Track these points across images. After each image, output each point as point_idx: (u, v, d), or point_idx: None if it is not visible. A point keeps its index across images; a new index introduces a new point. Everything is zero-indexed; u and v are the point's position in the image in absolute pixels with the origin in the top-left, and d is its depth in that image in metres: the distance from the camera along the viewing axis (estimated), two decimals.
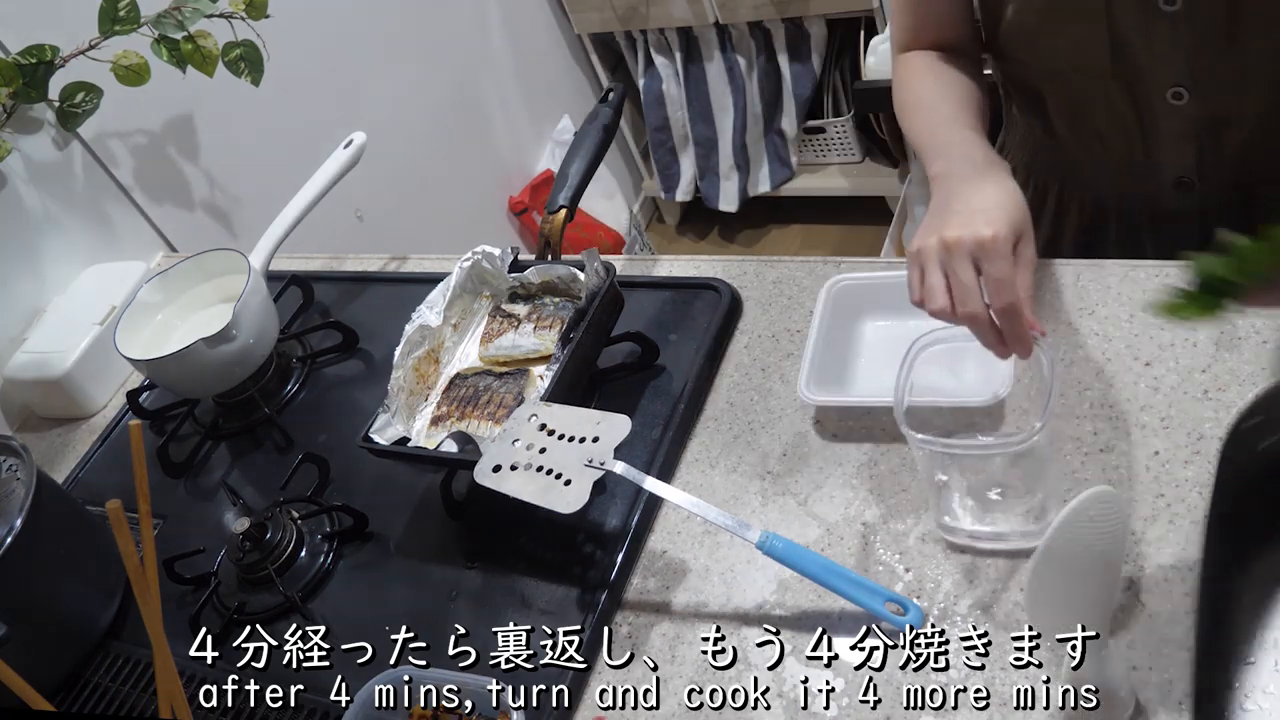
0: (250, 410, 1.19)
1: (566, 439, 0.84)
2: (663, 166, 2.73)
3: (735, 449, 0.94)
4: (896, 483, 0.86)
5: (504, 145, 2.48)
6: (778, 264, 1.09)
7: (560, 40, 2.63)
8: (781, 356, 1.00)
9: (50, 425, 1.36)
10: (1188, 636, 0.70)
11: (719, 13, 2.36)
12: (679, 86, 2.57)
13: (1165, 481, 0.78)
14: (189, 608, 0.99)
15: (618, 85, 1.15)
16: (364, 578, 0.98)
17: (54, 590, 0.99)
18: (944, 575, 0.79)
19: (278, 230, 1.24)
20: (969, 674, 0.73)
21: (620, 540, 0.89)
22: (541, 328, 1.03)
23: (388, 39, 2.09)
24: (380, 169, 1.99)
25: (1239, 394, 0.81)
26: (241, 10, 1.42)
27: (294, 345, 1.25)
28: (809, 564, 0.78)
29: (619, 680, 0.82)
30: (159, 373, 1.16)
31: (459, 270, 1.07)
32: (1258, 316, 0.85)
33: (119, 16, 1.36)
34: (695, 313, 1.06)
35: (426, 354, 1.04)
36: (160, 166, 1.60)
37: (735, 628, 0.82)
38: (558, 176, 1.08)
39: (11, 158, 1.35)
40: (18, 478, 1.00)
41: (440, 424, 1.00)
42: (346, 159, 1.26)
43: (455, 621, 0.90)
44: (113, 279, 1.42)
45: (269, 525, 1.00)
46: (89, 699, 0.98)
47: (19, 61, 1.32)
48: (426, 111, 2.21)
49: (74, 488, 1.23)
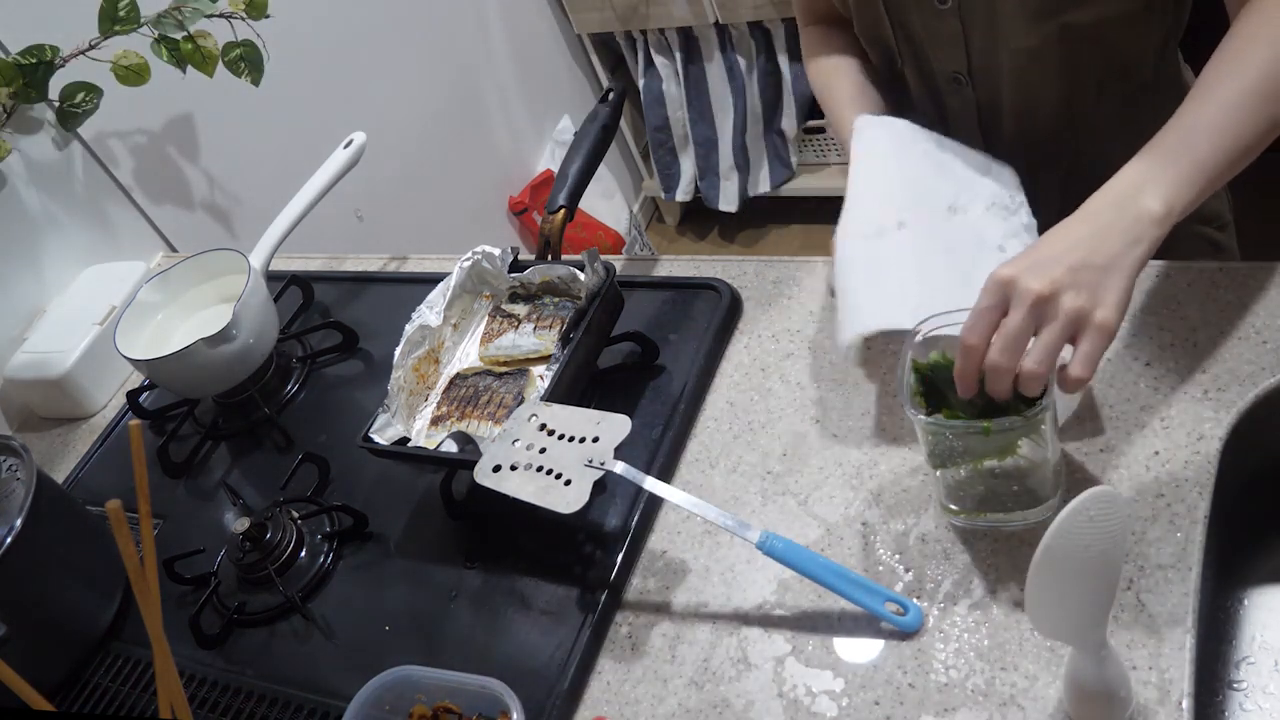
0: (250, 410, 1.19)
1: (566, 439, 0.84)
2: (663, 166, 2.73)
3: (735, 449, 0.94)
4: (896, 483, 0.86)
5: (504, 145, 2.47)
6: (778, 264, 1.09)
7: (560, 40, 2.63)
8: (781, 356, 1.00)
9: (50, 425, 1.36)
10: (1187, 636, 0.70)
11: (719, 13, 2.36)
12: (679, 86, 2.57)
13: (1165, 481, 0.78)
14: (189, 608, 0.99)
15: (618, 85, 1.15)
16: (364, 578, 0.98)
17: (54, 590, 0.99)
18: (944, 575, 0.79)
19: (278, 230, 1.24)
20: (969, 674, 0.73)
21: (620, 540, 0.89)
22: (541, 328, 1.03)
23: (388, 39, 2.09)
24: (380, 169, 1.99)
25: (1239, 394, 0.81)
26: (241, 10, 1.42)
27: (294, 345, 1.25)
28: (809, 564, 0.78)
29: (619, 680, 0.82)
30: (159, 373, 1.16)
31: (459, 270, 1.07)
32: (1257, 316, 0.85)
33: (119, 16, 1.36)
34: (695, 313, 1.06)
35: (426, 354, 1.04)
36: (160, 166, 1.60)
37: (735, 628, 0.82)
38: (557, 176, 1.08)
39: (11, 158, 1.35)
40: (18, 478, 1.00)
41: (440, 424, 1.00)
42: (346, 159, 1.26)
43: (455, 621, 0.91)
44: (113, 279, 1.42)
45: (269, 525, 1.00)
46: (89, 699, 0.98)
47: (19, 61, 1.32)
48: (426, 111, 2.21)
49: (74, 488, 1.23)
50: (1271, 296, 0.86)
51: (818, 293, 1.04)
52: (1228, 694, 0.80)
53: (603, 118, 1.11)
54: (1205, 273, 0.90)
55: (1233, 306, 0.87)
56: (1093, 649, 0.63)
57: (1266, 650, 0.82)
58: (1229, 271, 0.89)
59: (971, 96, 1.01)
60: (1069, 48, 0.93)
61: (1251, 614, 0.84)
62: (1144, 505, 0.77)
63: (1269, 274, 0.88)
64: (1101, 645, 0.63)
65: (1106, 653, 0.63)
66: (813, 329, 1.01)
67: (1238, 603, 0.85)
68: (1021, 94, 0.98)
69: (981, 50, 0.96)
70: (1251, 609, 0.85)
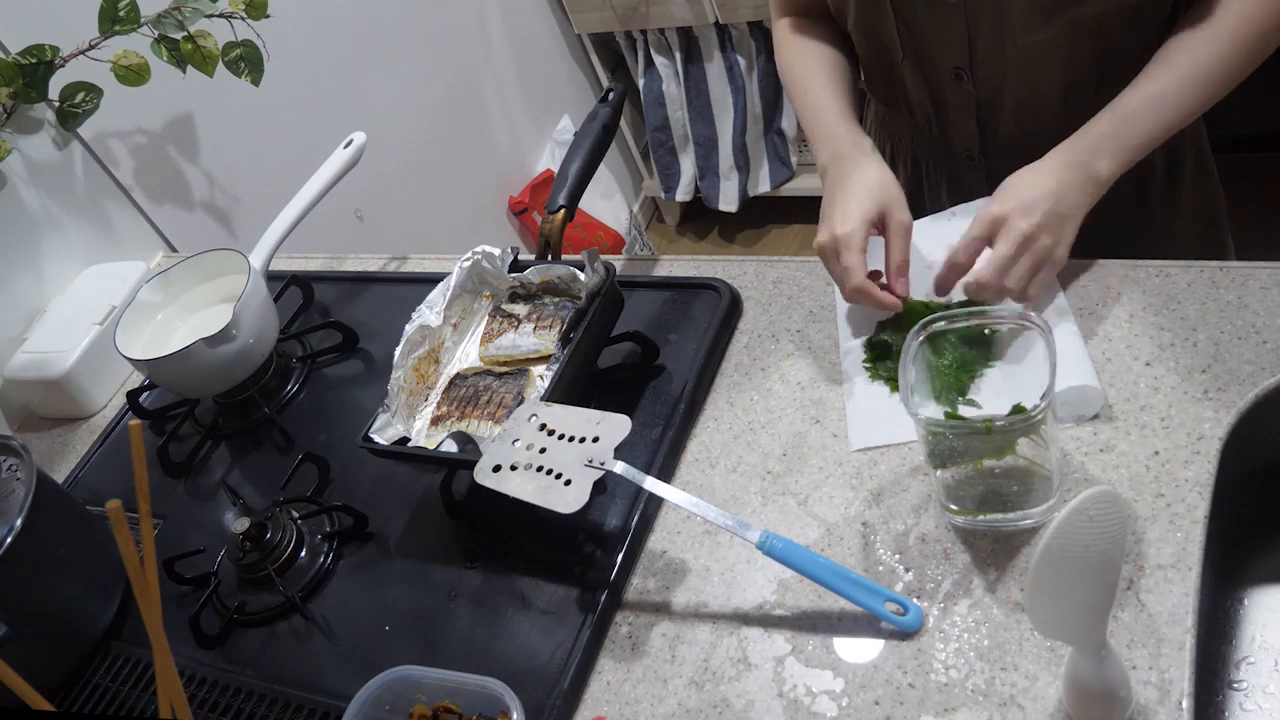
0: (250, 410, 1.19)
1: (566, 439, 0.84)
2: (663, 166, 2.73)
3: (735, 449, 0.94)
4: (896, 483, 0.86)
5: (504, 145, 2.47)
6: (778, 264, 1.09)
7: (560, 40, 2.63)
8: (781, 356, 1.00)
9: (50, 425, 1.36)
10: (1187, 636, 0.70)
11: (719, 13, 2.36)
12: (679, 86, 2.57)
13: (1165, 481, 0.78)
14: (189, 608, 0.99)
15: (618, 85, 1.15)
16: (364, 578, 0.98)
17: (54, 590, 0.99)
18: (944, 575, 0.79)
19: (278, 230, 1.24)
20: (969, 674, 0.73)
21: (620, 540, 0.89)
22: (541, 328, 1.03)
23: (388, 39, 2.09)
24: (380, 169, 1.99)
25: (1239, 394, 0.81)
26: (241, 10, 1.42)
27: (294, 345, 1.25)
28: (809, 564, 0.78)
29: (619, 680, 0.82)
30: (159, 373, 1.16)
31: (459, 270, 1.07)
32: (1257, 316, 0.85)
33: (119, 16, 1.36)
34: (695, 313, 1.06)
35: (426, 354, 1.04)
36: (160, 166, 1.60)
37: (735, 628, 0.82)
38: (557, 176, 1.08)
39: (11, 158, 1.35)
40: (18, 478, 1.00)
41: (440, 424, 1.00)
42: (346, 159, 1.26)
43: (455, 621, 0.91)
44: (113, 279, 1.42)
45: (269, 525, 1.00)
46: (89, 699, 0.98)
47: (19, 61, 1.32)
48: (426, 111, 2.21)
49: (74, 488, 1.23)
50: (1271, 296, 0.86)
51: (818, 293, 1.04)
52: (1228, 694, 0.80)
53: (603, 118, 1.11)
54: (1205, 272, 0.90)
55: (1233, 306, 0.87)
56: (1093, 649, 0.63)
57: (1266, 650, 0.82)
58: (1229, 271, 0.89)
59: (971, 92, 1.02)
60: (1073, 41, 0.96)
61: (1251, 614, 0.84)
62: (1144, 505, 0.77)
63: (1269, 274, 0.88)
64: (1101, 645, 0.63)
65: (1106, 653, 0.63)
66: (813, 329, 1.01)
67: (1238, 603, 0.85)
68: (1023, 87, 1.00)
69: (986, 45, 0.98)
70: (1251, 609, 0.85)
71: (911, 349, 0.77)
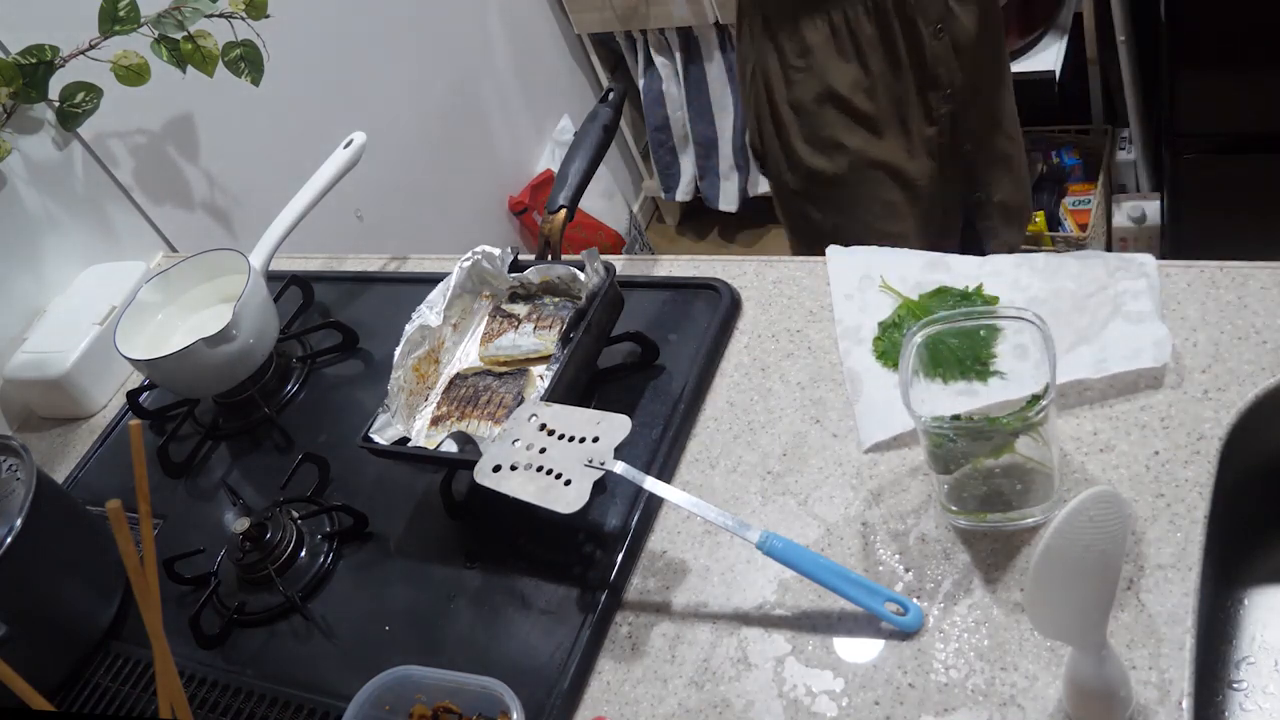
0: (250, 410, 1.19)
1: (566, 439, 0.84)
2: (663, 166, 2.73)
3: (735, 449, 0.94)
4: (896, 483, 0.86)
5: (504, 145, 2.47)
6: (778, 264, 1.09)
7: (560, 40, 2.63)
8: (781, 356, 1.00)
9: (50, 425, 1.36)
10: (1187, 636, 0.70)
11: (719, 13, 2.36)
12: (679, 86, 2.57)
13: (1165, 481, 0.78)
14: (189, 608, 0.99)
15: (618, 85, 1.15)
16: (364, 578, 0.98)
17: (54, 590, 0.99)
18: (944, 575, 0.79)
19: (278, 230, 1.24)
20: (969, 674, 0.73)
21: (620, 540, 0.89)
22: (541, 328, 1.03)
23: (387, 39, 2.09)
24: (380, 169, 1.99)
25: (1239, 394, 0.81)
26: (241, 10, 1.42)
27: (294, 345, 1.25)
28: (809, 564, 0.78)
29: (619, 680, 0.82)
30: (159, 373, 1.16)
31: (459, 270, 1.07)
32: (1257, 316, 0.85)
33: (119, 16, 1.36)
34: (695, 313, 1.06)
35: (426, 354, 1.04)
36: (160, 166, 1.60)
37: (735, 628, 0.82)
38: (558, 176, 1.08)
39: (11, 158, 1.35)
40: (18, 478, 1.00)
41: (440, 424, 1.00)
42: (346, 159, 1.26)
43: (455, 621, 0.91)
44: (113, 279, 1.41)
45: (269, 525, 1.00)
46: (89, 699, 0.98)
47: (19, 61, 1.32)
48: (426, 111, 2.21)
49: (74, 488, 1.23)
50: (1272, 296, 0.86)
51: (818, 293, 1.04)
52: (1228, 694, 0.80)
53: (603, 118, 1.11)
54: (1205, 272, 0.90)
55: (1233, 306, 0.87)
56: (1093, 649, 0.63)
57: (1266, 650, 0.82)
58: (1229, 271, 0.89)
59: None
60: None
61: (1251, 614, 0.84)
62: (1144, 505, 0.77)
63: (1269, 274, 0.88)
64: (1101, 645, 0.63)
65: (1106, 653, 0.63)
66: (813, 329, 1.01)
67: (1238, 603, 0.85)
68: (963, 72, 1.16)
69: None
70: (1251, 609, 0.85)
71: (911, 348, 0.77)
